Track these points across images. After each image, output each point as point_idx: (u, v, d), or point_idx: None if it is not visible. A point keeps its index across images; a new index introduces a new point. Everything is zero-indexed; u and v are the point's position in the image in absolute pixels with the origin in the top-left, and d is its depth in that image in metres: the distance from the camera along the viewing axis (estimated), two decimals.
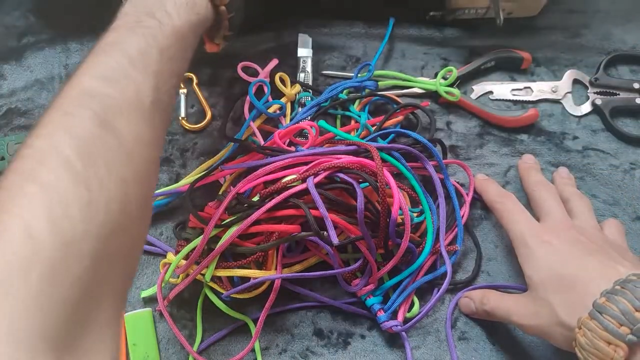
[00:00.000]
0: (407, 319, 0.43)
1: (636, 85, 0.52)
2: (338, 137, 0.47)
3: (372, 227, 0.41)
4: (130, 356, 0.43)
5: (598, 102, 0.52)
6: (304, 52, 0.54)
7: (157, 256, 0.47)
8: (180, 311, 0.45)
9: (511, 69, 0.54)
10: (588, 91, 0.53)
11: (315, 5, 0.57)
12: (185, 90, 0.52)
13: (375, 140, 0.48)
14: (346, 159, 0.41)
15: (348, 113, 0.51)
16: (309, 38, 0.54)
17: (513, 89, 0.54)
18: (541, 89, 0.53)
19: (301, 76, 0.53)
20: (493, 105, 0.53)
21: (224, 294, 0.42)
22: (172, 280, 0.43)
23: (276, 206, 0.40)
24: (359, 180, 0.41)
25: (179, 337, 0.42)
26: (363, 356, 0.44)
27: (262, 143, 0.48)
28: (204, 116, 0.51)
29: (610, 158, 0.51)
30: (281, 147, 0.45)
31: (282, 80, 0.51)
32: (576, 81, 0.54)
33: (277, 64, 0.52)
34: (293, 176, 0.41)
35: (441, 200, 0.46)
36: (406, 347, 0.43)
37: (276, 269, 0.42)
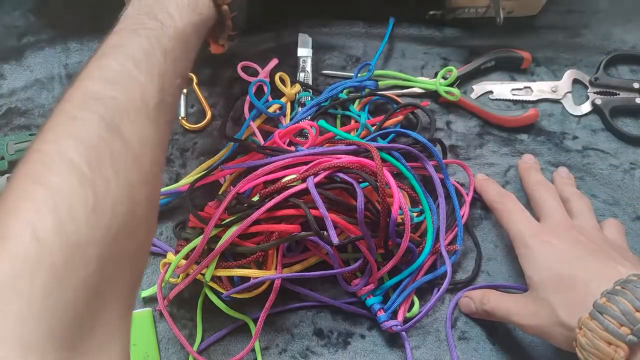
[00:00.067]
0: (407, 319, 0.43)
1: (636, 85, 0.52)
2: (338, 137, 0.47)
3: (372, 227, 0.41)
4: (130, 356, 0.43)
5: (598, 102, 0.52)
6: (304, 52, 0.54)
7: (157, 256, 0.47)
8: (180, 311, 0.45)
9: (511, 69, 0.54)
10: (588, 91, 0.53)
11: (315, 5, 0.57)
12: (185, 90, 0.52)
13: (375, 140, 0.48)
14: (346, 159, 0.41)
15: (348, 113, 0.51)
16: (309, 38, 0.54)
17: (513, 89, 0.54)
18: (541, 89, 0.53)
19: (301, 76, 0.53)
20: (493, 105, 0.53)
21: (224, 294, 0.42)
22: (172, 280, 0.43)
23: (276, 206, 0.40)
24: (359, 180, 0.41)
25: (179, 337, 0.42)
26: (363, 356, 0.44)
27: (262, 143, 0.48)
28: (204, 116, 0.51)
29: (610, 158, 0.51)
30: (281, 147, 0.45)
31: (282, 80, 0.51)
32: (576, 81, 0.54)
33: (277, 64, 0.52)
34: (293, 176, 0.41)
35: (441, 200, 0.46)
36: (406, 347, 0.43)
37: (276, 269, 0.42)
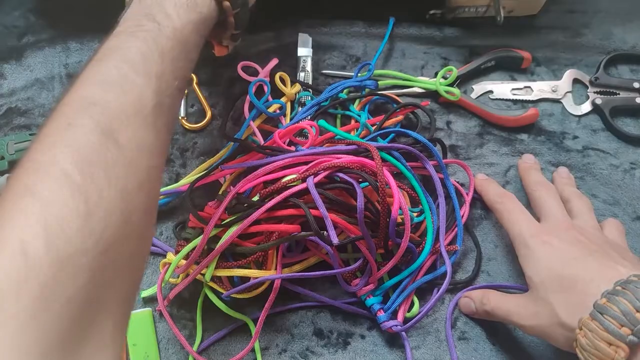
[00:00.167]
0: (407, 319, 0.43)
1: (636, 84, 0.52)
2: (338, 137, 0.47)
3: (372, 227, 0.41)
4: (130, 356, 0.43)
5: (598, 102, 0.52)
6: (304, 52, 0.53)
7: (157, 256, 0.46)
8: (180, 311, 0.45)
9: (511, 69, 0.54)
10: (588, 91, 0.53)
11: (315, 5, 0.56)
12: (185, 90, 0.52)
13: (375, 139, 0.48)
14: (346, 159, 0.41)
15: (348, 112, 0.51)
16: (309, 37, 0.54)
17: (513, 89, 0.53)
18: (541, 89, 0.53)
19: (301, 75, 0.53)
20: (493, 104, 0.53)
21: (224, 294, 0.42)
22: (172, 280, 0.43)
23: (276, 206, 0.40)
24: (359, 180, 0.41)
25: (179, 337, 0.42)
26: (363, 356, 0.44)
27: (262, 143, 0.48)
28: (204, 116, 0.51)
29: (610, 158, 0.51)
30: (281, 147, 0.45)
31: (282, 79, 0.51)
32: (576, 81, 0.54)
33: (277, 64, 0.52)
34: (293, 176, 0.41)
35: (441, 200, 0.46)
36: (406, 347, 0.43)
37: (276, 269, 0.42)
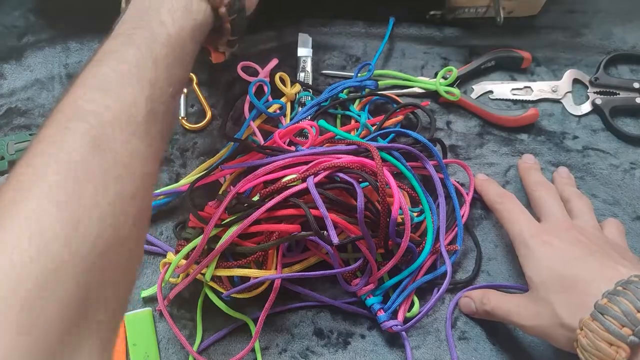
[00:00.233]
0: (407, 319, 0.43)
1: (636, 84, 0.52)
2: (338, 137, 0.47)
3: (372, 227, 0.41)
4: (130, 356, 0.43)
5: (598, 102, 0.52)
6: (304, 52, 0.53)
7: (157, 256, 0.47)
8: (180, 311, 0.45)
9: (511, 69, 0.54)
10: (588, 91, 0.53)
11: (315, 5, 0.56)
12: (185, 90, 0.52)
13: (375, 139, 0.48)
14: (346, 159, 0.41)
15: (348, 113, 0.51)
16: (309, 37, 0.54)
17: (513, 89, 0.53)
18: (541, 89, 0.53)
19: (301, 76, 0.53)
20: (493, 104, 0.53)
21: (224, 294, 0.42)
22: (172, 280, 0.43)
23: (276, 206, 0.40)
24: (359, 179, 0.41)
25: (179, 337, 0.42)
26: (363, 356, 0.44)
27: (262, 143, 0.48)
28: (204, 116, 0.51)
29: (610, 158, 0.51)
30: (281, 147, 0.45)
31: (282, 79, 0.51)
32: (576, 81, 0.54)
33: (277, 64, 0.52)
34: (293, 176, 0.41)
35: (441, 200, 0.46)
36: (406, 347, 0.43)
37: (276, 269, 0.42)
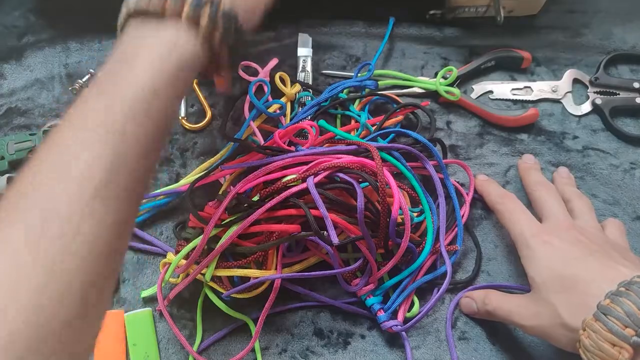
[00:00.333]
0: (407, 319, 0.43)
1: (636, 84, 0.52)
2: (338, 137, 0.47)
3: (372, 227, 0.41)
4: (130, 356, 0.43)
5: (598, 102, 0.52)
6: (304, 52, 0.53)
7: (157, 256, 0.47)
8: (180, 311, 0.45)
9: (511, 69, 0.54)
10: (588, 91, 0.53)
11: (315, 4, 0.56)
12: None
13: (375, 139, 0.48)
14: (346, 159, 0.41)
15: (348, 113, 0.51)
16: (309, 37, 0.54)
17: (513, 89, 0.53)
18: (541, 89, 0.53)
19: (301, 76, 0.53)
20: (493, 104, 0.53)
21: (224, 294, 0.42)
22: (172, 280, 0.43)
23: (276, 206, 0.40)
24: (359, 180, 0.41)
25: (179, 337, 0.42)
26: (363, 356, 0.44)
27: (262, 143, 0.48)
28: (204, 116, 0.51)
29: (610, 158, 0.51)
30: (281, 147, 0.45)
31: (282, 79, 0.51)
32: (576, 81, 0.54)
33: (277, 64, 0.52)
34: (293, 176, 0.41)
35: (441, 200, 0.46)
36: (406, 347, 0.43)
37: (276, 269, 0.42)
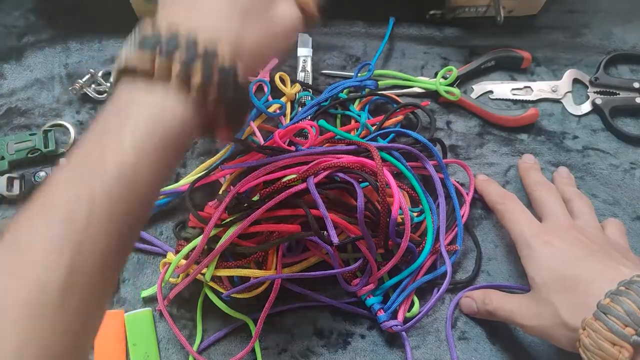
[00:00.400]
0: (407, 319, 0.43)
1: (636, 84, 0.52)
2: (338, 137, 0.47)
3: (372, 227, 0.41)
4: (130, 356, 0.43)
5: (598, 102, 0.52)
6: (304, 52, 0.53)
7: (157, 256, 0.46)
8: (180, 311, 0.45)
9: (511, 69, 0.54)
10: (588, 91, 0.53)
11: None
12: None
13: (375, 139, 0.48)
14: (346, 159, 0.41)
15: (348, 112, 0.50)
16: (309, 37, 0.54)
17: (513, 89, 0.53)
18: (541, 89, 0.53)
19: (301, 75, 0.53)
20: (493, 104, 0.53)
21: (224, 294, 0.42)
22: (172, 280, 0.43)
23: (276, 206, 0.40)
24: (359, 179, 0.41)
25: (179, 337, 0.42)
26: (363, 356, 0.44)
27: (262, 142, 0.48)
28: None
29: (610, 158, 0.51)
30: (281, 147, 0.45)
31: (282, 79, 0.51)
32: (576, 80, 0.54)
33: (277, 64, 0.52)
34: (293, 176, 0.41)
35: (441, 200, 0.46)
36: (406, 347, 0.43)
37: (276, 269, 0.42)
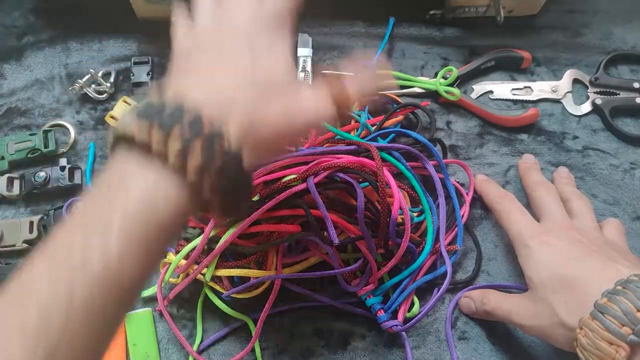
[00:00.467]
0: (407, 319, 0.43)
1: (636, 84, 0.52)
2: (338, 137, 0.47)
3: (372, 227, 0.41)
4: (130, 356, 0.43)
5: (598, 102, 0.52)
6: (304, 52, 0.53)
7: None
8: (180, 311, 0.45)
9: (511, 69, 0.54)
10: (588, 91, 0.53)
11: (315, 5, 0.56)
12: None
13: (375, 139, 0.48)
14: (346, 159, 0.41)
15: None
16: (309, 37, 0.54)
17: (513, 89, 0.53)
18: (541, 89, 0.53)
19: (301, 75, 0.53)
20: (493, 104, 0.53)
21: (224, 294, 0.42)
22: (172, 280, 0.43)
23: (276, 206, 0.40)
24: (359, 179, 0.41)
25: (179, 337, 0.42)
26: (363, 356, 0.44)
27: None
28: None
29: (610, 158, 0.51)
30: None
31: None
32: (576, 81, 0.54)
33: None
34: (293, 176, 0.41)
35: (441, 200, 0.46)
36: (406, 347, 0.43)
37: (276, 269, 0.42)
